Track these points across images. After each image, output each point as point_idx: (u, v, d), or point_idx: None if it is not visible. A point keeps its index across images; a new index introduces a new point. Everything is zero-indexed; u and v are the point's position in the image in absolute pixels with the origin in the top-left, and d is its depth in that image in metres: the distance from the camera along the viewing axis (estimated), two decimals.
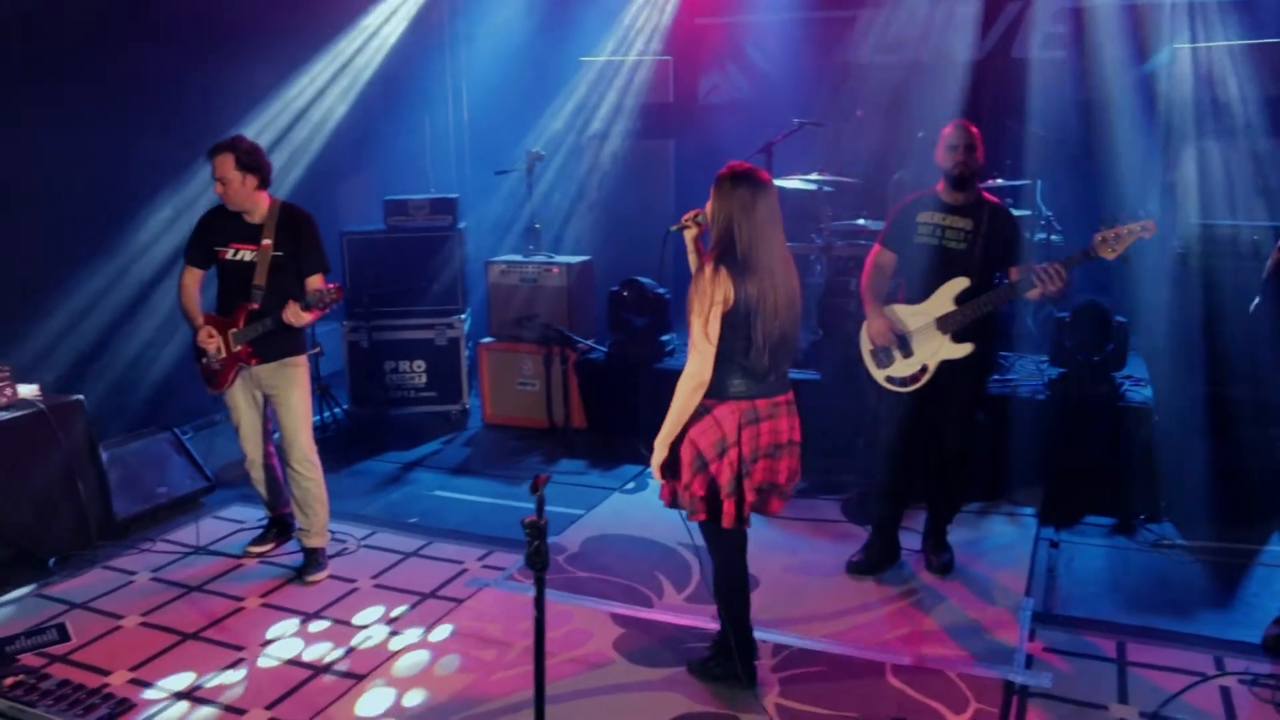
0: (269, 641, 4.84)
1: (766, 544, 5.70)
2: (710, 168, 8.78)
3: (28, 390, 5.90)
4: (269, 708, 4.28)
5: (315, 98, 8.18)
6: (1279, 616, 4.65)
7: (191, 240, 5.54)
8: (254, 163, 5.33)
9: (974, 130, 5.04)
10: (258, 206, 5.38)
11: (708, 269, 3.91)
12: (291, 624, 5.01)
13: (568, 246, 8.31)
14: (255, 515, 6.11)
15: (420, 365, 7.96)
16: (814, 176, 7.61)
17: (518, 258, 7.88)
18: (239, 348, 5.37)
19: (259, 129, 7.60)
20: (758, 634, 4.48)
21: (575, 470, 7.13)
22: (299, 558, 5.67)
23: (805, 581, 5.34)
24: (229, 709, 4.29)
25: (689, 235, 4.26)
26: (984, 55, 8.56)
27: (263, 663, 4.65)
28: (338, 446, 7.38)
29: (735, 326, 3.93)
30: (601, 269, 8.15)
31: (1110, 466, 6.09)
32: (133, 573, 5.59)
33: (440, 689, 4.40)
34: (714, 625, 4.53)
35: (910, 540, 5.56)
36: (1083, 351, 6.28)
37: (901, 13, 8.77)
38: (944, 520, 5.47)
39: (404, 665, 4.61)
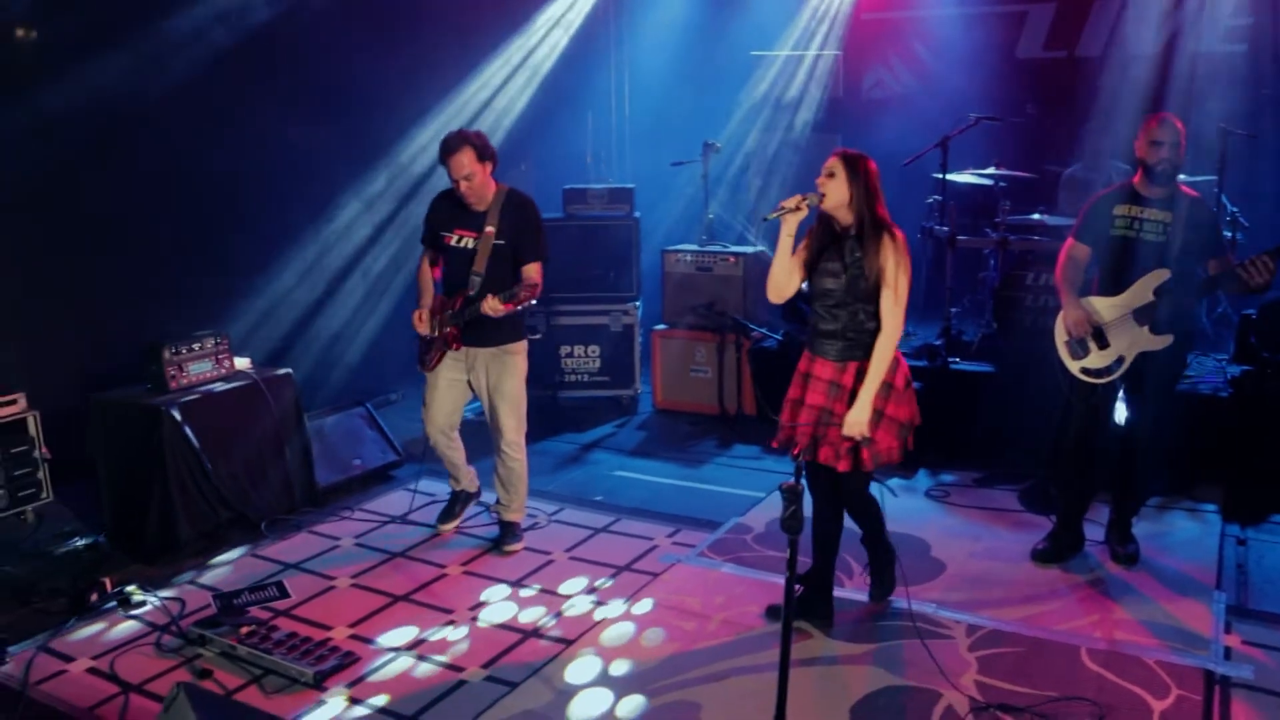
0: (479, 605, 5.14)
1: (947, 531, 5.85)
2: (878, 159, 8.94)
3: (242, 363, 6.34)
4: (485, 666, 4.57)
5: (495, 93, 8.51)
6: None
7: (424, 226, 5.72)
8: (489, 150, 5.42)
9: (1180, 126, 5.08)
10: (487, 194, 5.49)
11: (900, 236, 4.48)
12: (498, 590, 5.31)
13: (734, 236, 8.48)
14: (445, 489, 6.35)
15: (595, 350, 8.25)
16: (989, 171, 7.67)
17: (694, 247, 8.11)
18: (448, 329, 5.56)
19: (444, 123, 7.99)
20: (949, 614, 4.82)
21: (750, 455, 7.34)
22: (491, 530, 5.98)
23: (991, 567, 5.46)
24: (448, 666, 4.57)
25: (795, 219, 4.51)
26: (1160, 49, 8.49)
27: (475, 625, 4.95)
28: None
29: None
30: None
31: None
32: (337, 538, 5.98)
33: (647, 657, 4.63)
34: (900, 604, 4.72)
35: (1093, 532, 5.64)
36: (1269, 349, 6.26)
37: (1073, 7, 8.76)
38: (1130, 512, 5.53)
39: (610, 634, 4.85)
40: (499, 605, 5.15)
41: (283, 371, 6.39)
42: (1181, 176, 7.20)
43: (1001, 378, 6.92)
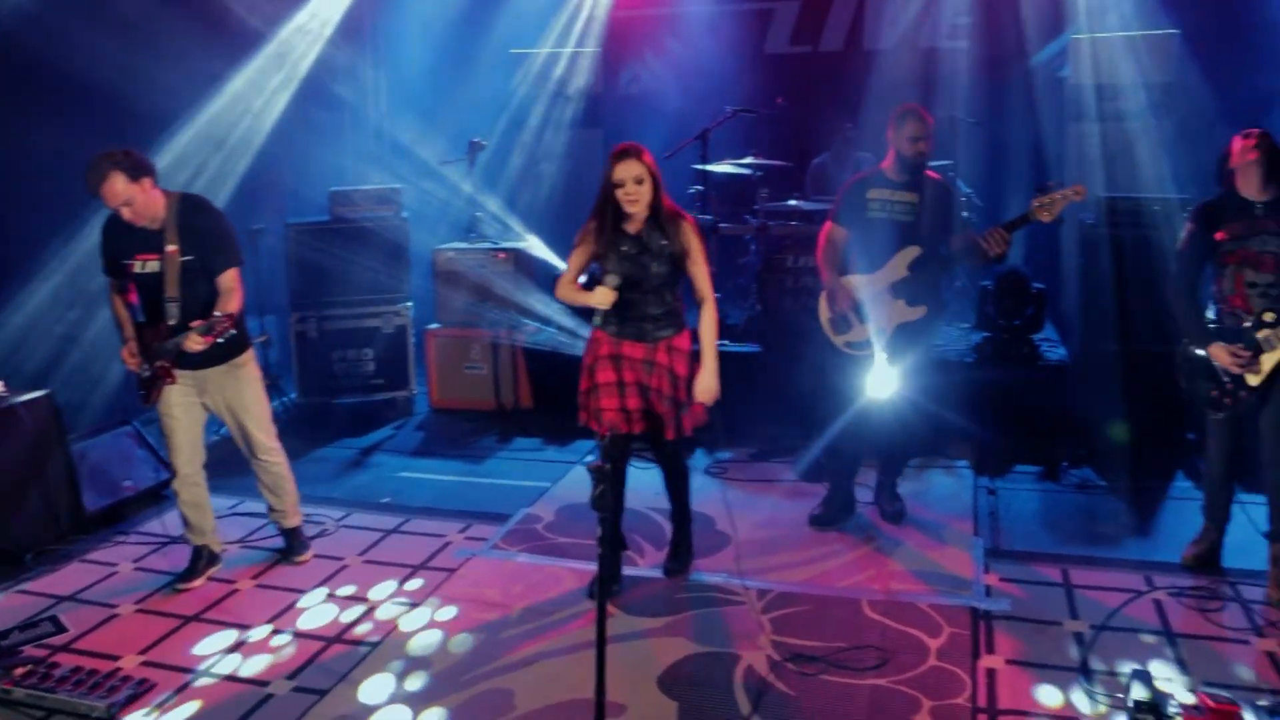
0: (277, 616, 5.03)
1: (729, 505, 6.07)
2: None
3: None
4: (291, 676, 4.49)
5: (249, 95, 8.28)
6: (1194, 539, 5.29)
7: (102, 255, 5.17)
8: (142, 165, 4.90)
9: (930, 119, 5.48)
10: (157, 215, 4.99)
11: (690, 217, 5.02)
12: (295, 599, 5.21)
13: (503, 233, 8.54)
14: (224, 504, 6.16)
15: (368, 353, 8.14)
16: (747, 161, 8.03)
17: (464, 245, 8.13)
18: (158, 364, 5.09)
19: (198, 126, 7.75)
20: (739, 582, 5.11)
21: (531, 448, 7.45)
22: (278, 541, 5.81)
23: (774, 535, 5.77)
24: (252, 681, 4.46)
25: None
26: (895, 45, 9.10)
27: (274, 639, 4.83)
28: (291, 436, 7.43)
29: None
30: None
31: (1033, 420, 6.67)
32: (113, 564, 5.68)
33: (453, 651, 4.67)
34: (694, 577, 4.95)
35: (861, 494, 6.05)
36: (1005, 317, 6.84)
37: (814, 5, 9.27)
38: (895, 473, 5.96)
39: (414, 632, 4.85)
40: (298, 615, 5.06)
41: (42, 393, 6.01)
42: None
43: (769, 356, 7.28)
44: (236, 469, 5.76)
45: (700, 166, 7.97)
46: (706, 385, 4.89)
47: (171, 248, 4.97)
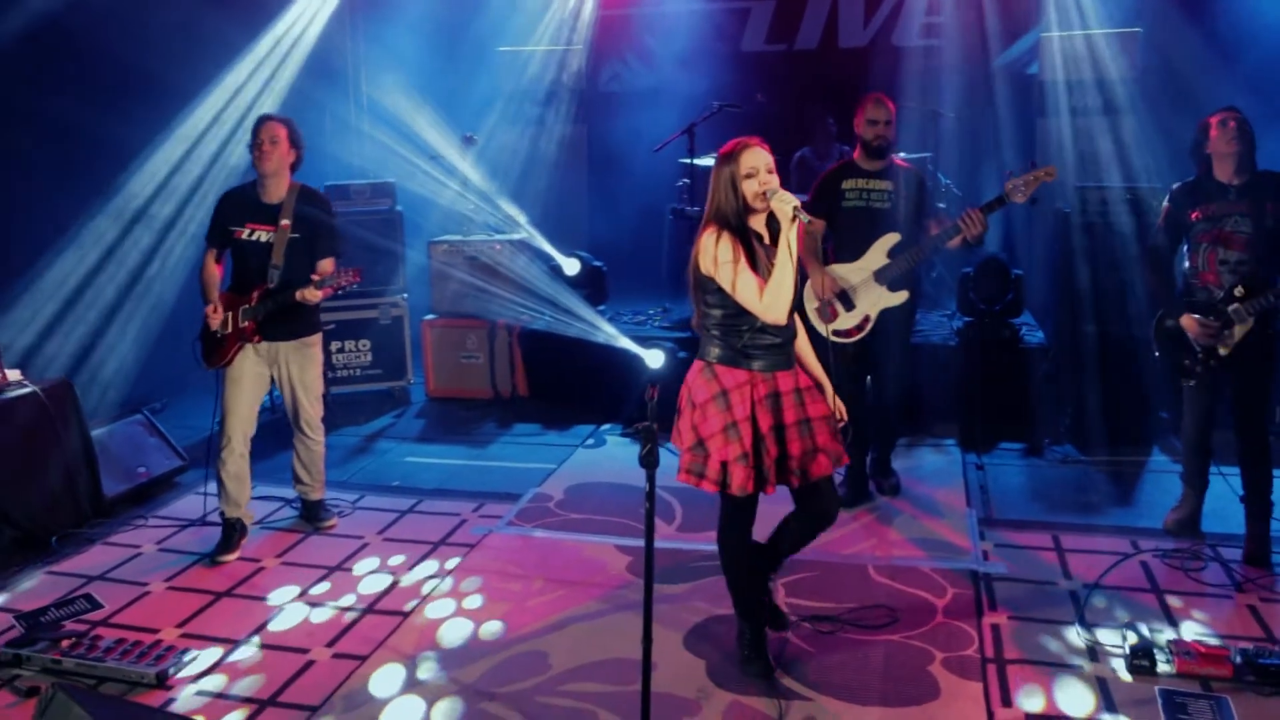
0: (305, 591, 5.23)
1: None
2: (620, 151, 9.42)
3: (13, 374, 6.04)
4: (329, 645, 4.70)
5: (234, 95, 8.43)
6: (1175, 506, 5.65)
7: (211, 223, 5.70)
8: (301, 142, 5.62)
9: (891, 105, 5.78)
10: (281, 185, 5.59)
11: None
12: (319, 575, 5.40)
13: (496, 225, 8.75)
14: None
15: (365, 344, 8.32)
16: None
17: (459, 237, 8.33)
18: (245, 324, 5.56)
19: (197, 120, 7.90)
20: None
21: (532, 433, 7.69)
22: (294, 523, 6.07)
23: (777, 510, 5.97)
24: (293, 650, 4.66)
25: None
26: (868, 43, 9.44)
27: (307, 611, 5.02)
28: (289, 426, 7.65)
29: None
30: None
31: (1016, 399, 7.02)
32: (137, 546, 5.83)
33: (483, 619, 4.90)
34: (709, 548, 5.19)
35: None
36: (986, 302, 7.17)
37: (789, 5, 9.58)
38: (889, 449, 6.26)
39: (442, 603, 5.08)
40: (327, 589, 5.26)
41: (61, 379, 6.18)
42: (902, 154, 8.17)
43: None
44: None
45: (687, 160, 8.23)
46: (840, 403, 4.36)
47: (285, 222, 5.56)
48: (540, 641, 4.67)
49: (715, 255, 4.00)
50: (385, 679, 4.40)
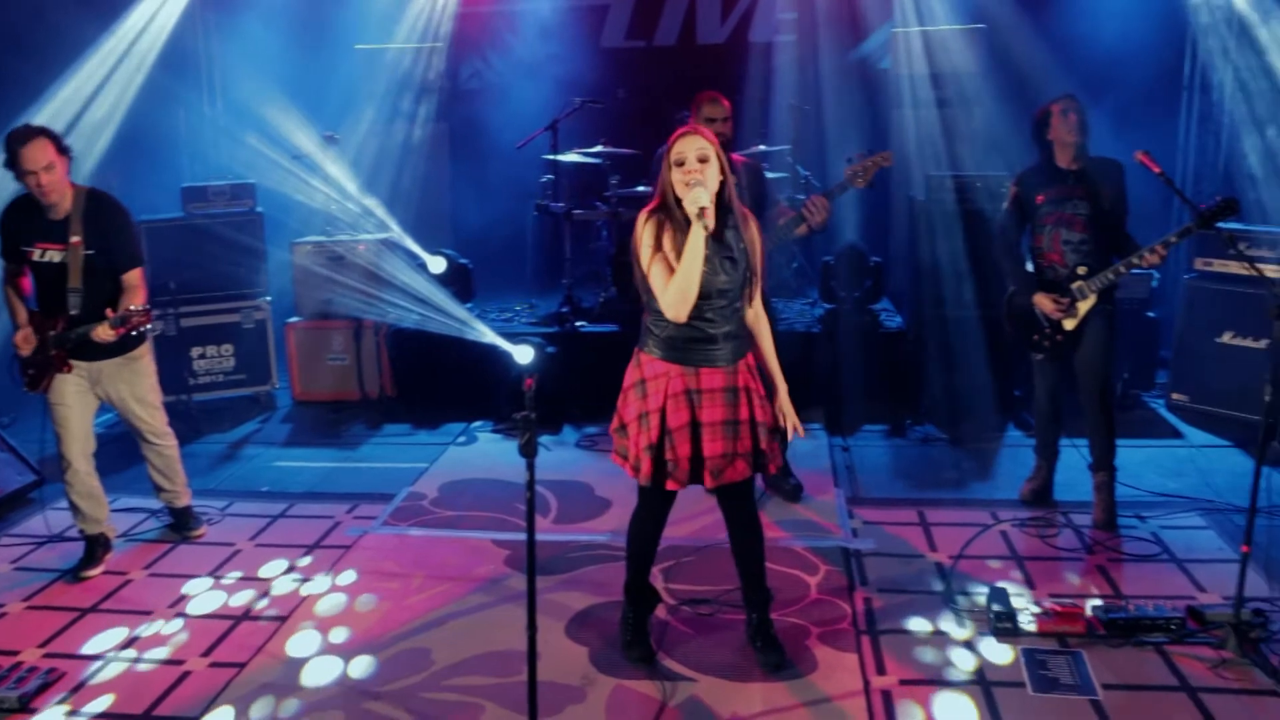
0: (180, 600, 5.10)
1: (604, 473, 6.43)
2: (484, 148, 9.39)
3: None
4: (205, 654, 4.60)
5: (89, 100, 8.15)
6: (1029, 477, 5.95)
7: (2, 240, 5.18)
8: (65, 145, 5.01)
9: (726, 103, 5.84)
10: (66, 198, 5.05)
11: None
12: (195, 584, 5.28)
13: (360, 224, 8.64)
14: None
15: (228, 349, 8.12)
16: (596, 149, 8.37)
17: (322, 237, 8.20)
18: (53, 353, 5.18)
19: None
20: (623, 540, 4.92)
21: (403, 433, 7.62)
22: (161, 532, 5.89)
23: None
24: (167, 662, 4.54)
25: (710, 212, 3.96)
26: (727, 39, 9.61)
27: (179, 622, 4.90)
28: None
29: None
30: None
31: (878, 383, 7.25)
32: None
33: (364, 618, 4.88)
34: (585, 538, 5.26)
35: None
36: (846, 289, 7.39)
37: (647, 2, 9.69)
38: (784, 448, 6.22)
39: (323, 605, 5.02)
40: (201, 597, 5.14)
41: None
42: (762, 147, 8.37)
43: (625, 335, 7.63)
44: (103, 469, 5.68)
45: (551, 156, 8.26)
46: (786, 400, 4.35)
47: (75, 239, 5.04)
48: (422, 638, 4.66)
49: (640, 238, 4.01)
50: (264, 686, 4.33)
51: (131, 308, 5.04)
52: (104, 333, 5.03)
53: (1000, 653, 4.38)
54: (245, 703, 4.22)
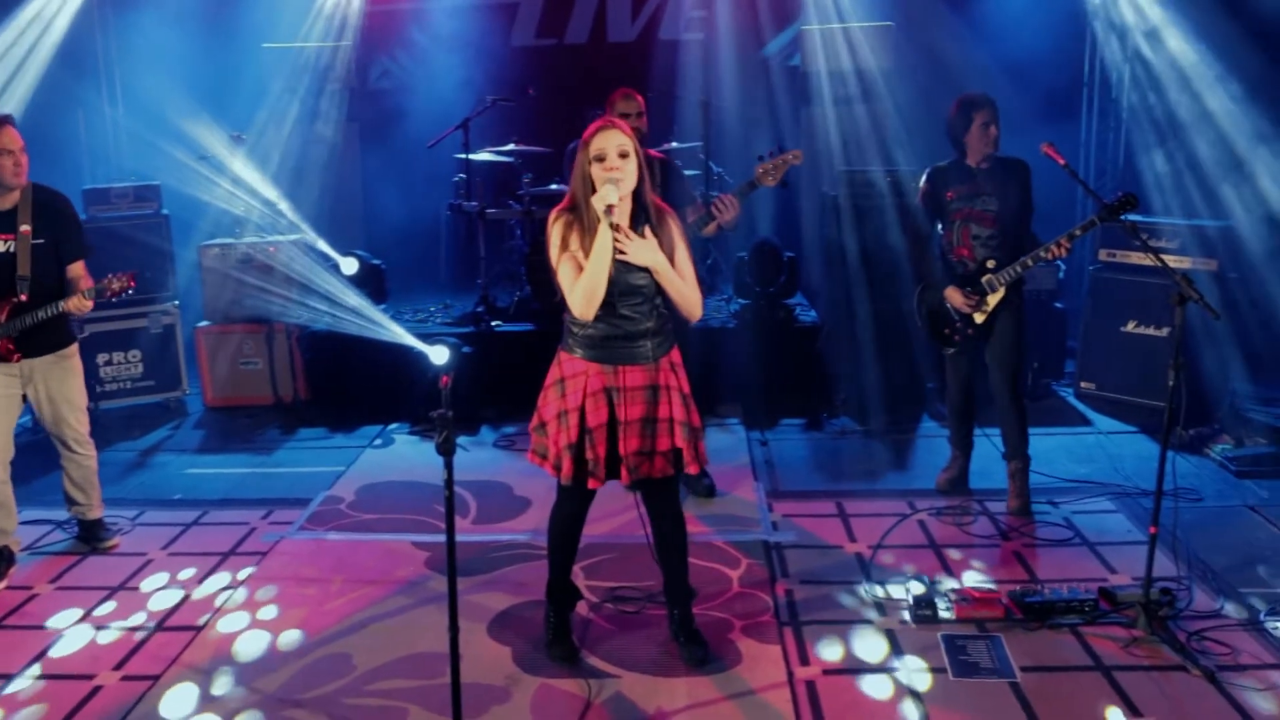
0: (86, 615, 4.94)
1: (522, 473, 6.40)
2: (395, 148, 9.30)
3: None
4: (117, 668, 4.47)
5: None
6: (945, 467, 6.06)
7: None
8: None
9: (640, 99, 5.83)
10: (19, 187, 5.16)
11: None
12: (99, 597, 5.11)
13: (271, 226, 8.48)
14: None
15: (136, 355, 7.93)
16: (509, 148, 8.33)
17: (231, 240, 8.04)
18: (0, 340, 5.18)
19: None
20: (544, 539, 4.66)
21: (317, 436, 7.50)
22: (65, 546, 5.71)
23: None
24: (79, 677, 4.39)
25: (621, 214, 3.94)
26: (636, 37, 9.63)
27: (90, 636, 4.75)
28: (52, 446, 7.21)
29: None
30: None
31: (794, 377, 7.33)
32: None
33: (280, 627, 4.78)
34: (505, 538, 5.23)
35: None
36: (761, 284, 7.44)
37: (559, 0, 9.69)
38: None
39: (239, 613, 4.91)
40: (112, 610, 5.00)
41: None
42: (675, 144, 8.39)
43: (541, 334, 7.61)
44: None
45: (463, 155, 8.20)
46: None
47: (25, 228, 5.13)
48: (342, 643, 4.59)
49: (549, 239, 4.01)
50: (180, 698, 4.23)
51: (110, 277, 5.20)
52: (79, 303, 5.15)
53: (920, 640, 4.44)
54: (160, 717, 4.11)
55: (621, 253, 3.92)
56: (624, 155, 3.89)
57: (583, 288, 3.89)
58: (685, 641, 4.41)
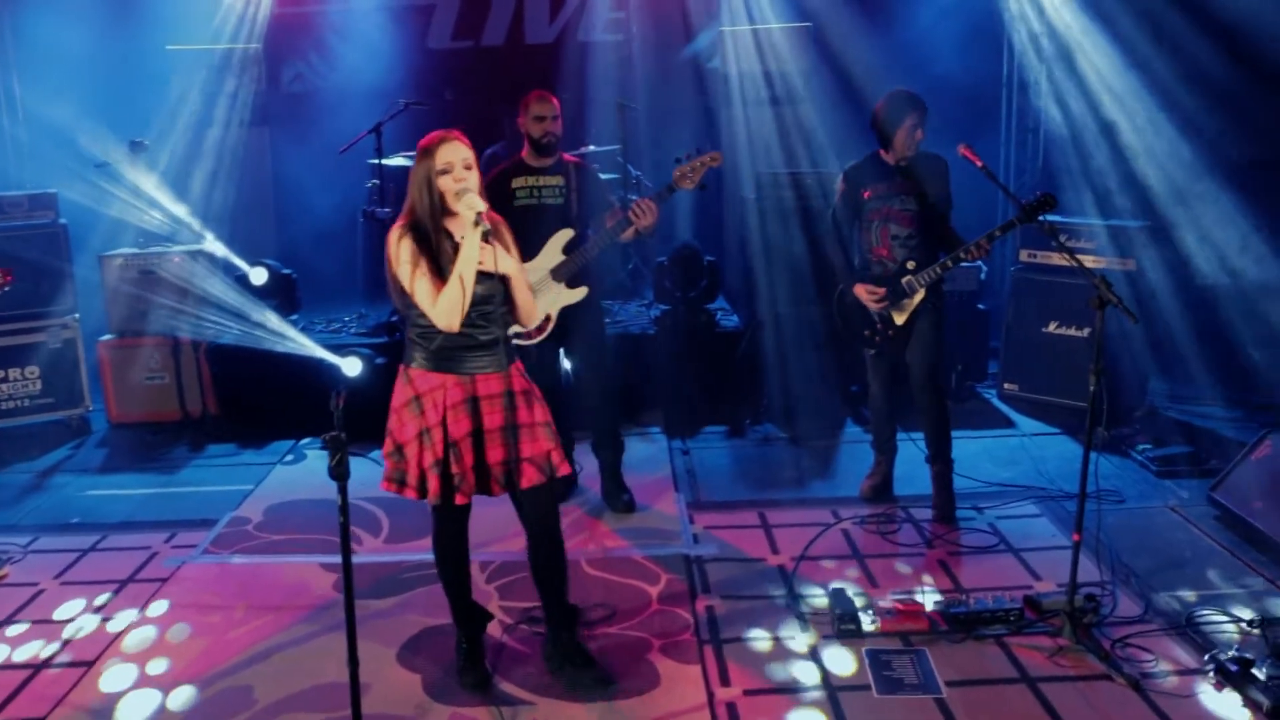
0: None
1: None
2: (307, 154, 9.05)
3: None
4: (0, 709, 4.23)
5: None
6: (869, 473, 5.97)
7: None
8: None
9: (555, 101, 5.69)
10: None
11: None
12: None
13: (178, 235, 8.18)
14: None
15: (34, 371, 7.58)
16: None
17: (134, 250, 7.73)
18: None
19: None
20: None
21: (226, 454, 7.23)
22: None
23: (487, 513, 5.90)
24: None
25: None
26: (555, 39, 9.47)
27: None
28: None
29: None
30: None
31: (716, 383, 7.21)
32: None
33: (181, 655, 4.57)
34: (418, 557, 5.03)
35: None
36: (681, 289, 7.31)
37: (474, 2, 9.49)
38: (617, 458, 5.97)
39: (133, 643, 4.69)
40: None
41: None
42: (593, 148, 8.25)
43: None
44: None
45: (376, 161, 7.98)
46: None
47: None
48: (244, 674, 4.39)
49: (397, 256, 3.89)
50: None
51: None
52: None
53: (844, 656, 4.34)
54: None
55: (481, 261, 3.82)
56: (468, 167, 3.87)
57: (450, 299, 3.79)
58: (580, 665, 4.26)
